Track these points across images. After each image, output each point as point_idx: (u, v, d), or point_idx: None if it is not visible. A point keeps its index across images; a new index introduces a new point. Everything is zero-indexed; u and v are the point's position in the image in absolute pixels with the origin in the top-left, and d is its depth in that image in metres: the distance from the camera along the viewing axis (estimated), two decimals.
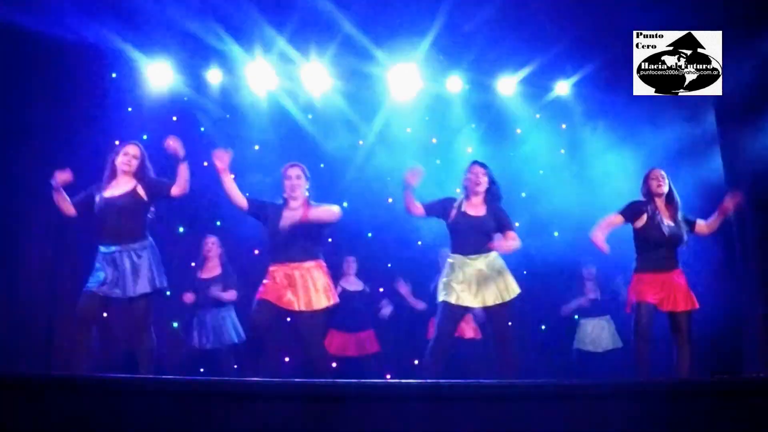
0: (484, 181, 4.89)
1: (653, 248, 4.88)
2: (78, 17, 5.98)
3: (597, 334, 6.74)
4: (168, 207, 6.93)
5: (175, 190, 4.70)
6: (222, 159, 4.64)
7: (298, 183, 4.77)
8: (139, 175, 4.69)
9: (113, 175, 4.68)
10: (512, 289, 4.82)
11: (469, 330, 6.54)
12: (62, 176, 4.58)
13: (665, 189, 4.98)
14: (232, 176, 4.75)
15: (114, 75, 6.94)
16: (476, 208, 4.87)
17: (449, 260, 4.87)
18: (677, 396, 3.26)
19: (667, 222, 4.91)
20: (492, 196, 4.91)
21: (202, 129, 7.26)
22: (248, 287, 5.53)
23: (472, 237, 4.79)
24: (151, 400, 3.11)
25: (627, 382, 4.29)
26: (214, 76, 7.13)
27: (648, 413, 3.18)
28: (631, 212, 4.96)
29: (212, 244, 6.31)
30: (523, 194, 7.64)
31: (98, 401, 3.11)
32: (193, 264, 6.72)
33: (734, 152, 6.16)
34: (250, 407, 3.10)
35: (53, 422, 3.05)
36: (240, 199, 4.71)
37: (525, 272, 7.46)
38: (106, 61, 6.71)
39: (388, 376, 6.77)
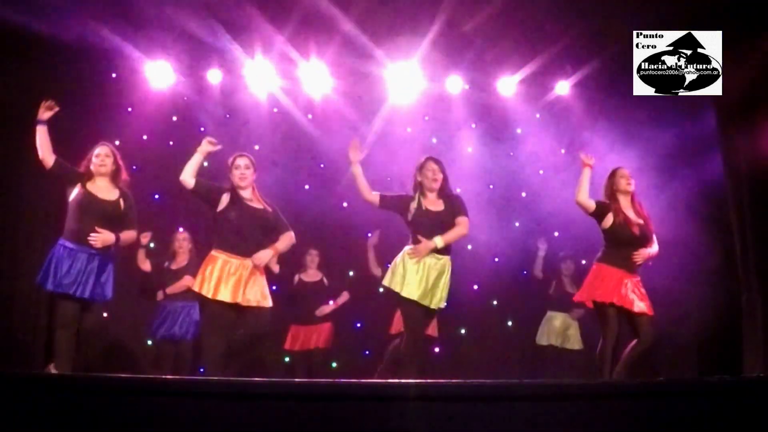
0: (440, 178, 4.89)
1: (623, 246, 4.90)
2: (78, 17, 5.98)
3: (565, 330, 6.82)
4: (168, 207, 6.95)
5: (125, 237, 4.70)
6: (211, 143, 4.72)
7: (247, 173, 4.70)
8: (117, 179, 4.70)
9: (89, 177, 4.70)
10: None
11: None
12: (51, 106, 4.63)
13: (633, 187, 4.98)
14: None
15: (114, 75, 6.94)
16: (435, 203, 4.88)
17: (408, 252, 4.84)
18: (677, 396, 3.26)
19: (636, 220, 4.91)
20: (445, 191, 4.93)
21: (202, 129, 7.26)
22: None
23: (433, 233, 4.78)
24: (151, 400, 3.11)
25: (627, 382, 4.29)
26: (214, 76, 7.12)
27: (648, 413, 3.18)
28: (599, 211, 4.98)
29: (183, 240, 6.35)
30: (523, 194, 7.64)
31: (98, 401, 3.11)
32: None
33: (734, 152, 6.15)
34: (250, 407, 3.09)
35: (53, 422, 3.05)
36: (190, 179, 4.61)
37: (525, 272, 7.49)
38: (106, 61, 6.71)
39: None
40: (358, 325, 7.10)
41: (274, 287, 5.48)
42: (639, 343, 4.75)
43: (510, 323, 7.51)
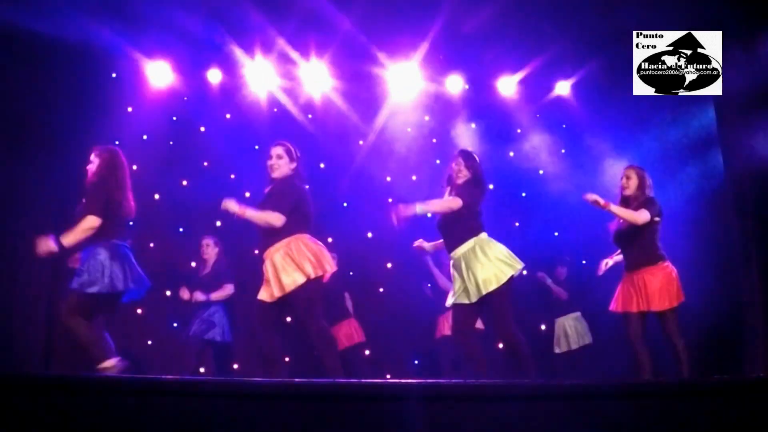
0: (465, 172, 4.66)
1: (618, 247, 5.01)
2: (78, 17, 5.98)
3: (569, 332, 6.87)
4: (168, 207, 6.96)
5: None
6: (232, 208, 4.34)
7: (278, 163, 4.47)
8: (90, 181, 4.54)
9: None
10: (483, 284, 4.40)
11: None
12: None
13: (627, 191, 4.99)
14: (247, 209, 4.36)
15: (114, 75, 6.94)
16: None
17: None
18: (677, 396, 3.26)
19: (618, 222, 4.96)
20: (474, 186, 4.65)
21: (202, 129, 7.26)
22: (248, 287, 5.54)
23: (444, 231, 4.68)
24: (151, 400, 3.11)
25: (627, 382, 4.29)
26: (214, 76, 7.13)
27: (648, 413, 3.18)
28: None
29: (206, 246, 6.34)
30: (523, 194, 7.64)
31: (98, 401, 3.11)
32: (193, 264, 6.73)
33: (734, 152, 6.15)
34: (250, 407, 3.09)
35: (53, 422, 3.05)
36: (276, 219, 4.32)
37: (525, 272, 7.49)
38: (106, 61, 6.71)
39: (388, 376, 6.78)
40: None
41: None
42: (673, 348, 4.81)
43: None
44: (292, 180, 4.50)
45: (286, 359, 6.88)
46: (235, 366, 6.51)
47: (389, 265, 7.42)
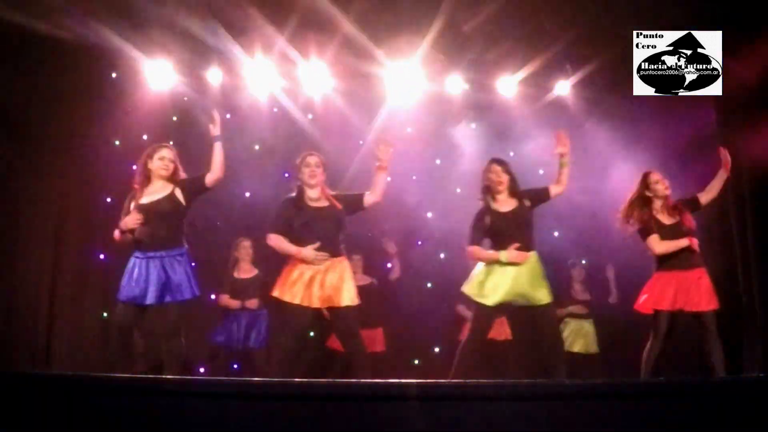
0: (505, 179, 4.91)
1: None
2: (78, 17, 5.98)
3: (574, 336, 6.82)
4: None
5: (210, 178, 4.62)
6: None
7: (318, 171, 4.67)
8: (175, 177, 4.61)
9: (148, 180, 4.58)
10: (543, 297, 4.73)
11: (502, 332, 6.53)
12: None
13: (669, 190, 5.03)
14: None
15: (114, 75, 6.94)
16: (506, 203, 4.87)
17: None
18: (677, 396, 3.26)
19: (668, 221, 4.94)
20: (514, 188, 4.94)
21: (202, 129, 7.26)
22: None
23: (511, 234, 4.76)
24: (151, 400, 3.11)
25: (627, 382, 4.29)
26: (214, 76, 7.12)
27: (648, 413, 3.18)
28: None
29: (250, 248, 6.35)
30: None
31: (98, 401, 3.11)
32: (193, 264, 6.71)
33: (734, 152, 6.15)
34: (250, 407, 3.09)
35: (53, 422, 3.05)
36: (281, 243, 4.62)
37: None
38: (106, 61, 6.71)
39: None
40: None
41: None
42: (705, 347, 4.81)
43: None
44: None
45: None
46: (235, 366, 6.51)
47: (390, 265, 7.41)
